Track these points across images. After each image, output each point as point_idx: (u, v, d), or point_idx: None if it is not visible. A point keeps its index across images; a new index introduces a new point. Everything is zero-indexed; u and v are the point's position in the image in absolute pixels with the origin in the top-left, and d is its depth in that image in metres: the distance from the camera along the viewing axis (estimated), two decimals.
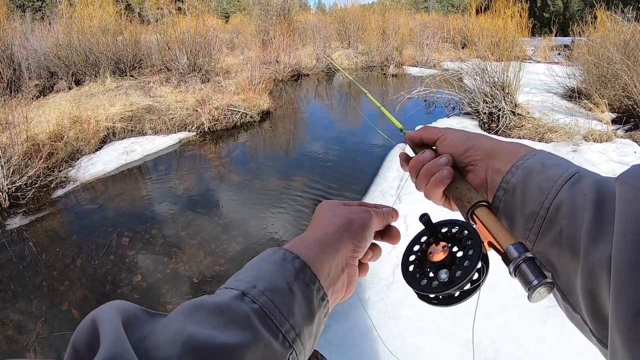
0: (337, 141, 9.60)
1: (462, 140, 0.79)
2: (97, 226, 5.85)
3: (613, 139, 7.87)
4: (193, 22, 14.31)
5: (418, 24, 26.37)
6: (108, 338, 0.39)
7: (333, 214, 0.71)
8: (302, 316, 0.54)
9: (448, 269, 0.66)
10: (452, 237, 0.71)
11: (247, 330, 0.47)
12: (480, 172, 0.75)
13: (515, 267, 0.59)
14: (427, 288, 0.67)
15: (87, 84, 13.83)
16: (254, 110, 11.31)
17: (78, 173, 7.63)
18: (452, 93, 10.99)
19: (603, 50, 10.19)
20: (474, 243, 0.66)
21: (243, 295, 0.51)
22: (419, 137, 0.89)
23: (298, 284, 0.55)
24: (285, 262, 0.57)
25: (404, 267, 0.73)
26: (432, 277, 0.68)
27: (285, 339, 0.50)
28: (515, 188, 0.68)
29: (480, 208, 0.70)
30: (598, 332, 0.57)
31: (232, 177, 7.62)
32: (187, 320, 0.46)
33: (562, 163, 0.68)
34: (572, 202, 0.60)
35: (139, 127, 9.88)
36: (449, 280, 0.64)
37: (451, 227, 0.73)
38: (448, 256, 0.68)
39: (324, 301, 0.59)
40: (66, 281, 4.65)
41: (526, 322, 3.40)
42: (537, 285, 0.55)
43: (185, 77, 13.66)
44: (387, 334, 3.39)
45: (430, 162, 0.79)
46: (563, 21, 35.49)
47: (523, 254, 0.59)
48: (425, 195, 0.81)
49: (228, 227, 5.70)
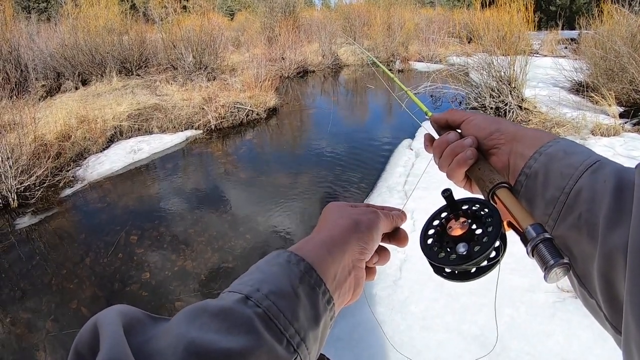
0: (343, 137, 9.59)
1: (487, 124, 0.80)
2: (105, 225, 5.88)
3: (620, 132, 7.82)
4: (198, 21, 14.31)
5: (423, 19, 26.26)
6: (107, 341, 0.39)
7: (339, 216, 0.69)
8: (307, 320, 0.53)
9: (466, 243, 0.66)
10: (473, 215, 0.71)
11: (250, 335, 0.46)
12: (503, 156, 0.76)
13: (533, 247, 0.59)
14: (444, 260, 0.67)
15: (94, 83, 13.87)
16: (260, 107, 11.33)
17: (86, 172, 7.66)
18: (458, 88, 10.97)
19: (610, 44, 10.10)
20: (493, 221, 0.66)
21: (246, 298, 0.50)
22: (444, 119, 0.89)
23: (303, 287, 0.54)
24: (290, 265, 0.56)
25: (422, 239, 0.74)
26: (450, 251, 0.68)
27: (290, 344, 0.49)
28: (537, 173, 0.69)
29: (502, 189, 0.71)
30: (612, 318, 0.58)
31: (239, 174, 7.63)
32: (189, 325, 0.46)
33: (585, 151, 0.68)
34: (593, 188, 0.61)
35: (146, 126, 9.91)
36: (467, 254, 0.64)
37: (472, 205, 0.73)
38: (467, 231, 0.69)
39: (329, 304, 0.57)
40: (75, 279, 4.68)
41: (534, 317, 3.39)
42: (553, 265, 0.56)
43: (192, 76, 13.69)
44: (393, 330, 3.38)
45: (455, 142, 0.80)
46: (569, 14, 35.30)
47: (541, 234, 0.59)
48: (448, 176, 0.83)
49: (235, 224, 5.71)
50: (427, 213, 0.77)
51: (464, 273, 0.67)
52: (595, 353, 3.00)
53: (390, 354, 3.23)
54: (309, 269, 0.56)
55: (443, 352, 3.12)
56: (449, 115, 0.88)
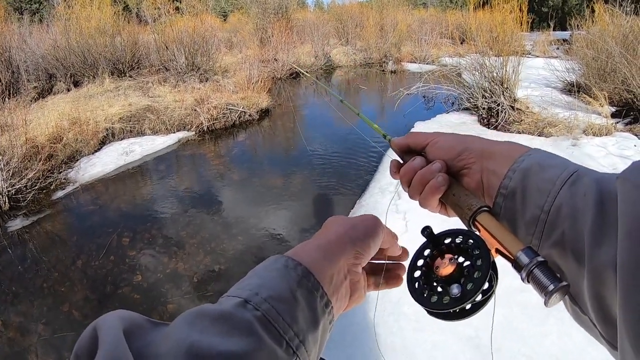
0: (336, 138, 9.60)
1: (453, 144, 0.76)
2: (97, 227, 5.86)
3: (613, 132, 7.86)
4: (191, 22, 14.30)
5: (416, 20, 26.35)
6: (107, 343, 0.39)
7: (338, 224, 0.69)
8: (306, 323, 0.53)
9: (458, 282, 0.64)
10: (457, 248, 0.69)
11: (250, 338, 0.46)
12: (475, 175, 0.73)
13: (528, 273, 0.57)
14: (438, 305, 0.65)
15: (86, 85, 13.80)
16: (253, 108, 11.32)
17: (78, 174, 7.63)
18: (451, 89, 11.01)
19: (602, 44, 10.15)
20: (481, 252, 0.64)
21: (245, 302, 0.50)
22: (405, 144, 0.85)
23: (301, 291, 0.55)
24: (288, 270, 0.56)
25: (410, 284, 0.71)
26: (442, 292, 0.66)
27: (289, 346, 0.49)
28: (514, 192, 0.66)
29: (483, 214, 0.68)
30: (607, 334, 0.56)
31: (232, 175, 7.62)
32: (190, 328, 0.46)
33: (560, 162, 0.65)
34: (573, 203, 0.59)
35: (138, 128, 9.89)
36: (462, 295, 0.62)
37: (455, 237, 0.70)
38: (456, 269, 0.66)
39: (327, 308, 0.58)
40: (67, 282, 4.66)
41: (529, 317, 3.39)
42: (553, 290, 0.54)
43: (184, 77, 13.68)
44: (387, 331, 3.38)
45: (423, 169, 0.76)
46: (561, 15, 35.43)
47: (534, 258, 0.57)
48: (421, 204, 0.78)
49: (228, 226, 5.71)
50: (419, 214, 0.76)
51: (461, 312, 0.64)
52: (590, 354, 3.01)
53: (384, 356, 3.22)
54: (307, 273, 0.57)
55: (437, 354, 3.12)
56: (410, 139, 0.85)
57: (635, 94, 8.84)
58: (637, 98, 8.80)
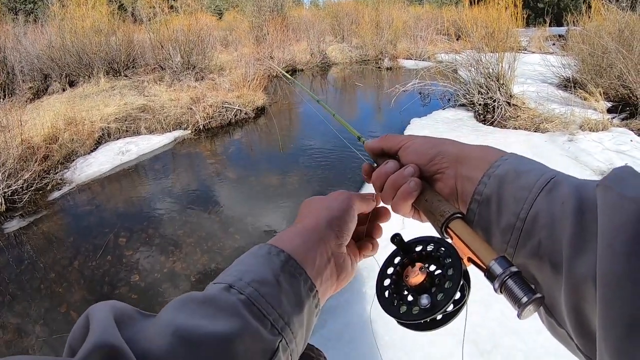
0: (332, 135, 9.56)
1: (426, 148, 0.75)
2: (93, 227, 5.85)
3: (609, 127, 7.86)
4: (186, 20, 14.27)
5: (412, 17, 26.30)
6: (97, 327, 0.41)
7: (312, 208, 0.71)
8: (291, 306, 0.55)
9: (428, 292, 0.63)
10: (428, 256, 0.68)
11: (235, 319, 0.48)
12: (449, 181, 0.71)
13: (500, 284, 0.55)
14: (407, 315, 0.63)
15: (81, 85, 13.77)
16: (249, 106, 11.30)
17: (74, 175, 7.61)
18: (447, 85, 11.02)
19: (598, 40, 10.16)
20: (453, 261, 0.63)
21: (230, 287, 0.52)
22: (379, 147, 0.84)
23: (284, 275, 0.57)
24: (271, 256, 0.59)
25: (379, 292, 0.70)
26: (412, 302, 0.65)
27: (274, 327, 0.51)
28: (489, 199, 0.64)
29: (455, 221, 0.66)
30: (585, 348, 0.55)
31: (228, 174, 7.61)
32: (177, 313, 0.48)
33: (536, 168, 0.64)
34: (550, 211, 0.57)
35: (134, 127, 9.86)
36: (431, 306, 0.61)
37: (426, 245, 0.69)
38: (426, 278, 0.65)
39: (312, 291, 0.59)
40: (64, 283, 4.65)
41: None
42: (527, 302, 0.52)
43: (179, 76, 13.65)
44: (384, 328, 3.39)
45: (395, 173, 0.74)
46: (557, 11, 35.42)
47: (508, 269, 0.55)
48: (393, 209, 0.77)
49: (225, 224, 5.70)
50: None
51: (431, 322, 0.63)
52: None
53: (381, 353, 3.23)
54: (289, 259, 0.60)
55: (434, 350, 3.13)
56: (383, 142, 0.83)
57: (631, 89, 8.85)
58: (633, 93, 8.81)
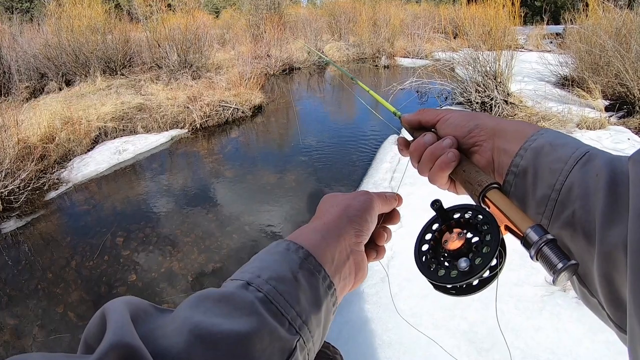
0: (329, 134, 9.62)
1: (464, 121, 0.76)
2: (91, 227, 5.84)
3: (606, 126, 7.88)
4: (183, 19, 14.25)
5: (409, 15, 26.36)
6: (114, 325, 0.40)
7: (332, 204, 0.71)
8: (309, 304, 0.54)
9: (466, 257, 0.64)
10: (466, 223, 0.69)
11: (253, 317, 0.47)
12: (486, 153, 0.73)
13: (537, 251, 0.56)
14: (445, 278, 0.64)
15: (78, 84, 13.75)
16: (246, 105, 11.29)
17: (71, 174, 7.59)
18: (444, 83, 11.01)
19: (595, 38, 10.17)
20: (490, 228, 0.64)
21: (247, 284, 0.51)
22: (416, 120, 0.84)
23: (303, 273, 0.55)
24: (289, 252, 0.57)
25: (417, 257, 0.71)
26: (450, 267, 0.65)
27: (292, 326, 0.50)
28: (525, 171, 0.66)
29: (493, 191, 0.67)
30: (615, 317, 0.56)
31: (225, 173, 7.60)
32: (193, 310, 0.47)
33: (571, 142, 0.65)
34: (584, 183, 0.59)
35: (131, 126, 9.84)
36: (470, 269, 0.62)
37: (464, 213, 0.70)
38: (464, 243, 0.66)
39: (330, 289, 0.58)
40: (62, 283, 4.64)
41: (523, 311, 3.41)
42: (562, 268, 0.53)
43: (176, 74, 13.65)
44: (382, 327, 3.39)
45: (433, 145, 0.76)
46: (554, 9, 35.46)
47: (544, 236, 0.56)
48: (430, 180, 0.79)
49: (222, 223, 5.70)
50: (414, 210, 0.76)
51: (467, 287, 0.65)
52: (585, 346, 3.02)
53: (380, 352, 3.22)
54: (308, 256, 0.58)
55: (433, 349, 3.13)
56: (420, 115, 0.84)
57: (628, 87, 8.85)
58: (631, 92, 8.81)
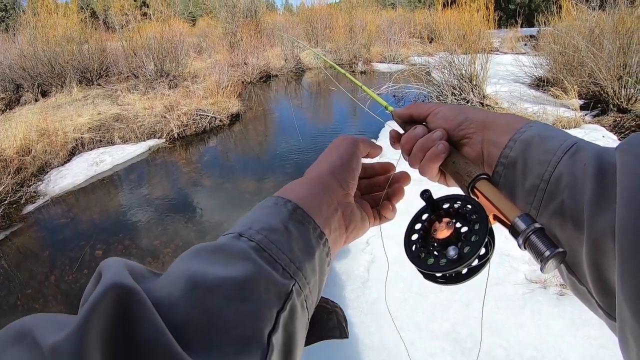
0: (307, 141, 9.62)
1: (454, 114, 0.77)
2: (69, 240, 5.78)
3: (581, 124, 7.98)
4: (159, 28, 14.19)
5: (385, 20, 26.48)
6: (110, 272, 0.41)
7: (316, 162, 0.73)
8: (301, 252, 0.55)
9: (455, 245, 0.64)
10: (455, 213, 0.69)
11: (247, 263, 0.48)
12: (475, 145, 0.74)
13: (524, 239, 0.57)
14: (434, 267, 0.65)
15: (54, 94, 13.64)
16: (223, 113, 11.26)
17: (48, 187, 7.51)
18: (420, 87, 11.08)
19: (569, 39, 10.32)
20: (479, 217, 0.64)
21: (240, 235, 0.53)
22: (408, 114, 0.86)
23: (293, 223, 0.57)
24: (278, 206, 0.59)
25: (407, 246, 0.71)
26: (439, 255, 0.66)
27: (286, 271, 0.51)
28: (515, 162, 0.67)
29: (482, 181, 0.69)
30: (604, 304, 0.57)
31: (204, 182, 7.58)
32: (188, 262, 0.49)
33: (560, 134, 0.67)
34: (572, 173, 0.60)
35: (108, 137, 9.75)
36: (458, 257, 0.62)
37: (453, 203, 0.71)
38: (453, 232, 0.66)
39: (322, 239, 0.59)
40: (41, 299, 4.59)
41: (504, 310, 3.43)
42: (549, 256, 0.54)
43: (153, 84, 13.57)
44: (364, 331, 3.39)
45: (424, 137, 0.77)
46: (528, 12, 35.85)
47: (532, 225, 0.57)
48: (420, 172, 0.80)
49: (202, 233, 5.68)
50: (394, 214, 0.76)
51: (456, 276, 0.66)
52: (567, 341, 3.06)
53: (363, 356, 3.22)
54: (296, 208, 0.59)
55: (415, 352, 3.14)
56: (412, 109, 0.85)
57: (602, 86, 8.99)
58: (604, 90, 8.94)
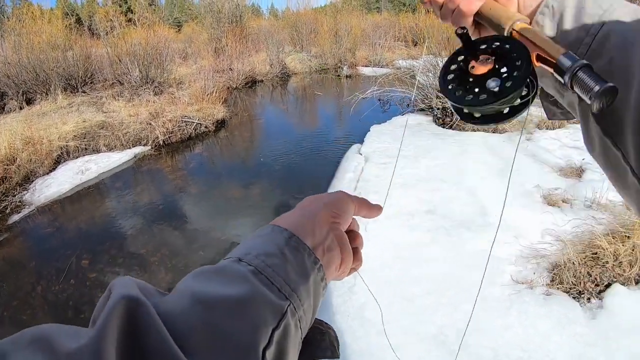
0: (293, 146, 9.62)
1: None
2: (55, 250, 5.75)
3: (566, 124, 8.07)
4: (144, 34, 14.14)
5: (370, 25, 26.48)
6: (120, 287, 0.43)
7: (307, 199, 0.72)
8: (296, 275, 0.56)
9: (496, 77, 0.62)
10: (494, 53, 0.65)
11: (246, 284, 0.50)
12: None
13: (571, 76, 0.55)
14: (473, 101, 0.63)
15: (39, 102, 13.52)
16: (209, 120, 11.24)
17: (33, 196, 7.46)
18: (405, 91, 11.11)
19: None
20: (520, 54, 0.61)
21: (239, 260, 0.54)
22: None
23: (288, 249, 0.58)
24: (274, 233, 0.61)
25: (442, 83, 0.68)
26: (478, 92, 0.63)
27: (281, 293, 0.53)
28: (558, 12, 0.64)
29: (522, 23, 0.66)
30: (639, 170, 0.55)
31: (190, 189, 7.57)
32: (192, 282, 0.51)
33: None
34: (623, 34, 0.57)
35: (93, 145, 9.69)
36: (500, 90, 0.60)
37: (492, 43, 0.66)
38: (493, 69, 0.63)
39: (316, 264, 0.60)
40: (28, 310, 4.56)
41: (490, 311, 3.47)
42: (600, 90, 0.51)
43: (138, 90, 13.50)
44: (352, 337, 3.40)
45: None
46: None
47: (578, 61, 0.55)
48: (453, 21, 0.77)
49: (189, 240, 5.67)
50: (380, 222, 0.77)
51: (495, 114, 0.64)
52: (554, 340, 3.11)
53: None
54: (292, 235, 0.61)
55: (403, 356, 3.16)
56: None
57: None
58: None
